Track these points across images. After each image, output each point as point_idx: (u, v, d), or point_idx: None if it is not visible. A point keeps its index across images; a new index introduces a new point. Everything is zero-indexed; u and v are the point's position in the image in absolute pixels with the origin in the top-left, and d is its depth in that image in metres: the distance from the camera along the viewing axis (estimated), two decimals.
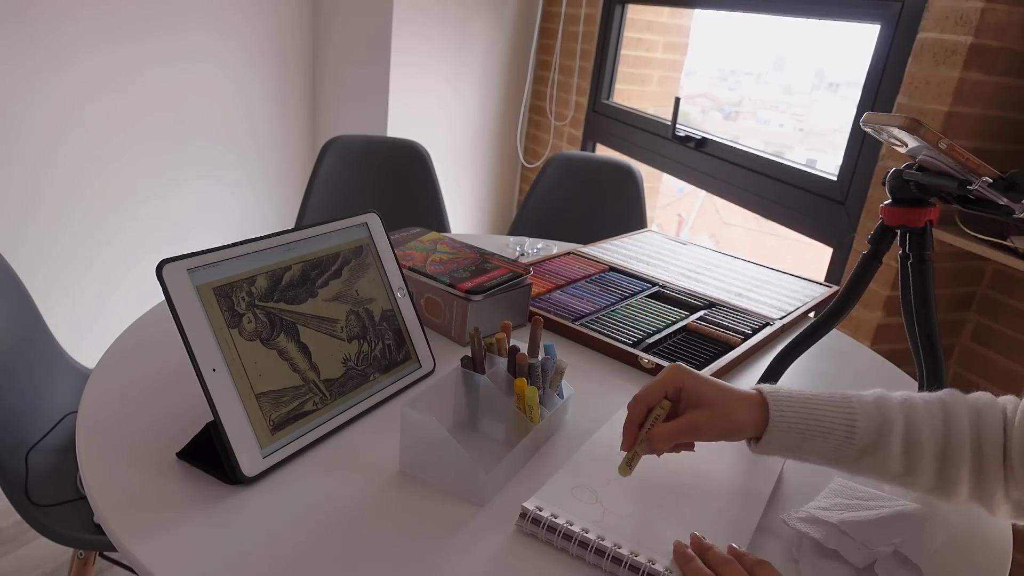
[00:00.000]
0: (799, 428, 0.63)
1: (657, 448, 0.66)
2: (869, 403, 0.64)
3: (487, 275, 1.00)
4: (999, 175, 0.65)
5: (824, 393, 0.65)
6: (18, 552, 1.61)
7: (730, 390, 0.67)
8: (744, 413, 0.65)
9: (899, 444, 0.61)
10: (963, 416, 0.62)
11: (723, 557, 0.58)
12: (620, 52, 2.36)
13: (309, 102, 2.56)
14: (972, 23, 1.29)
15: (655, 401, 0.67)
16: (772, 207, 1.79)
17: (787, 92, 5.13)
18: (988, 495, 0.61)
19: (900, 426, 0.62)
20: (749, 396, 0.66)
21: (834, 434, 0.63)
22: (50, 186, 2.05)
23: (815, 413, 0.64)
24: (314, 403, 0.72)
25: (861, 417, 0.63)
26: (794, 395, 0.65)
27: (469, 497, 0.66)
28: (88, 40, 2.00)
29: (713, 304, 1.17)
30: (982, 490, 0.61)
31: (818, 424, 0.63)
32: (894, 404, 0.63)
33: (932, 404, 0.63)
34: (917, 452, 0.61)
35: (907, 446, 0.62)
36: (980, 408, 0.62)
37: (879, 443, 0.62)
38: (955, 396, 0.64)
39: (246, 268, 0.70)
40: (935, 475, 0.61)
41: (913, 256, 0.77)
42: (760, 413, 0.64)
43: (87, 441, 0.69)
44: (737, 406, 0.65)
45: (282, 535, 0.60)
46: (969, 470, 0.61)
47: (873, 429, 0.62)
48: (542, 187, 1.88)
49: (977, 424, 0.61)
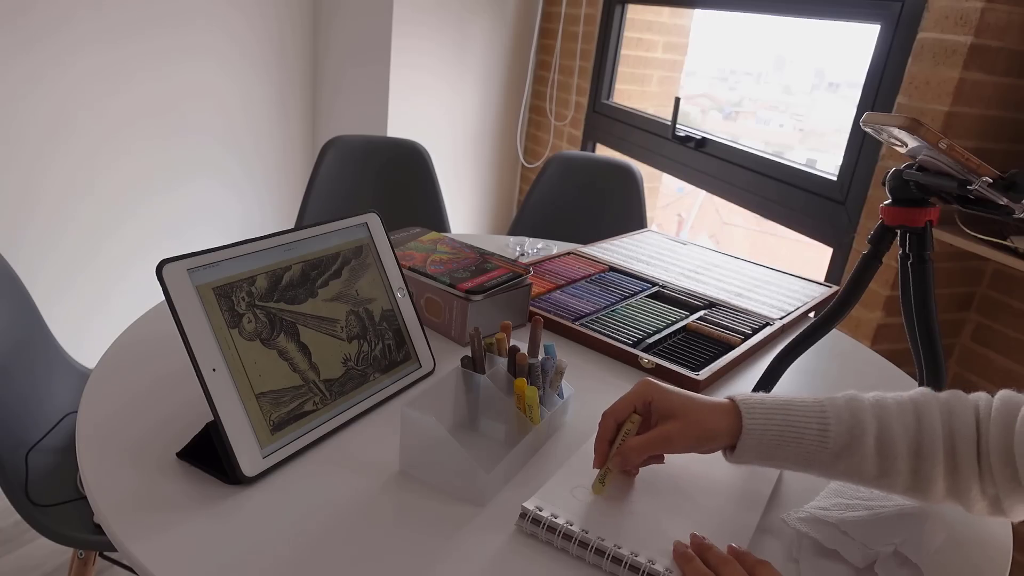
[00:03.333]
0: (772, 434, 0.63)
1: (629, 461, 0.66)
2: (841, 406, 0.63)
3: (487, 275, 1.00)
4: (999, 175, 0.65)
5: (797, 398, 0.65)
6: (18, 552, 1.61)
7: (700, 400, 0.67)
8: (716, 421, 0.65)
9: (872, 445, 0.61)
10: (935, 414, 0.62)
11: (723, 557, 0.58)
12: (620, 52, 2.36)
13: (309, 102, 2.56)
14: (972, 23, 1.29)
15: (624, 416, 0.68)
16: (772, 207, 1.79)
17: (787, 92, 5.13)
18: (963, 492, 0.61)
19: (873, 427, 0.62)
20: (721, 404, 0.66)
21: (807, 438, 0.62)
22: (50, 186, 2.05)
23: (787, 419, 0.63)
24: (314, 403, 0.72)
25: (833, 420, 0.62)
26: (767, 401, 0.65)
27: (469, 497, 0.66)
28: (88, 40, 2.00)
29: (713, 304, 1.17)
30: (957, 487, 0.61)
31: (791, 430, 0.63)
32: (866, 405, 0.63)
33: (904, 404, 0.63)
34: (891, 452, 0.61)
35: (880, 447, 0.61)
36: (952, 405, 0.62)
37: (852, 445, 0.62)
38: (926, 395, 0.64)
39: (246, 268, 0.70)
40: (910, 475, 0.61)
41: (913, 256, 0.77)
42: (733, 420, 0.64)
43: (87, 441, 0.69)
44: (709, 415, 0.65)
45: (282, 535, 0.60)
46: (943, 468, 0.60)
47: (845, 431, 0.62)
48: (542, 187, 1.88)
49: (949, 421, 0.61)
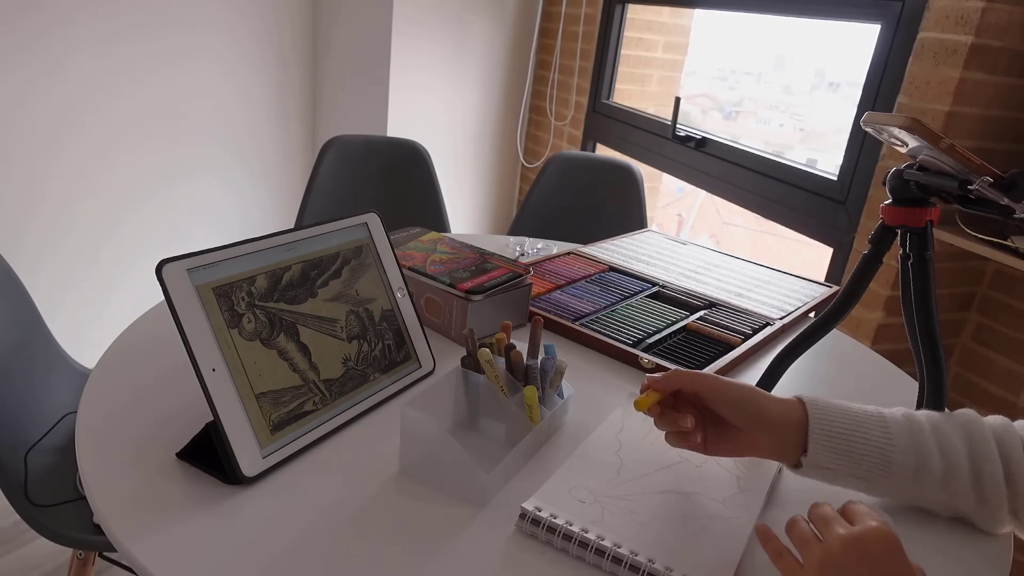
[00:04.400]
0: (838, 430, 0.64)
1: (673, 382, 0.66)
2: (894, 412, 0.65)
3: (487, 275, 1.00)
4: (1000, 175, 0.65)
5: (855, 404, 0.66)
6: (18, 552, 1.61)
7: (754, 388, 0.67)
8: (771, 403, 0.65)
9: (934, 443, 0.63)
10: (983, 426, 0.64)
11: (820, 514, 0.54)
12: (620, 52, 2.36)
13: (309, 102, 2.56)
14: (973, 23, 1.29)
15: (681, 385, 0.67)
16: (772, 207, 1.79)
17: (787, 92, 5.13)
18: None
19: (929, 429, 0.63)
20: (780, 397, 0.67)
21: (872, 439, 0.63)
22: (51, 187, 2.05)
23: (849, 416, 0.65)
24: (314, 403, 0.72)
25: (892, 423, 0.64)
26: (832, 402, 0.66)
27: (469, 497, 0.66)
28: (89, 42, 2.00)
29: (713, 304, 1.17)
30: (1017, 501, 0.63)
31: (855, 424, 0.64)
32: (917, 413, 0.65)
33: (950, 415, 0.65)
34: (951, 449, 0.63)
35: (940, 443, 0.63)
36: (995, 423, 0.64)
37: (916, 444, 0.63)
38: (966, 410, 0.66)
39: (246, 268, 0.70)
40: (971, 475, 0.62)
41: (913, 256, 0.77)
42: (797, 412, 0.65)
43: (86, 441, 0.69)
44: (763, 397, 0.66)
45: (282, 535, 0.60)
46: (1002, 473, 0.62)
47: (905, 431, 0.64)
48: (542, 187, 1.87)
49: (998, 435, 0.63)
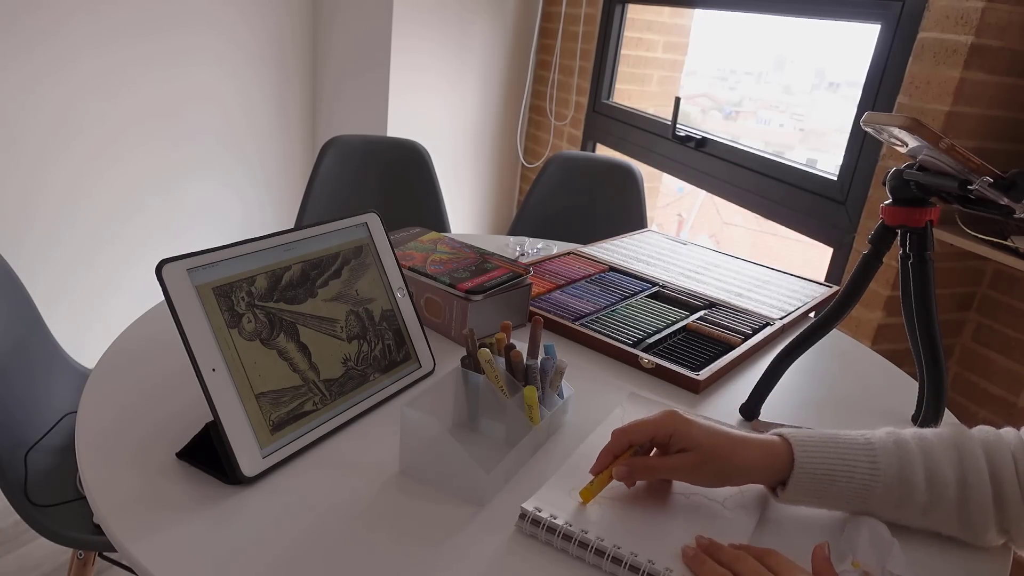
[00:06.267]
0: (824, 468, 0.63)
1: (633, 476, 0.65)
2: (884, 438, 0.65)
3: (487, 275, 1.00)
4: (1000, 175, 0.65)
5: (841, 432, 0.66)
6: (18, 552, 1.61)
7: (731, 434, 0.65)
8: (749, 455, 0.64)
9: (922, 474, 0.62)
10: (974, 444, 0.63)
11: (734, 553, 0.58)
12: (620, 52, 2.36)
13: (309, 102, 2.56)
14: (973, 23, 1.29)
15: (641, 441, 0.66)
16: (772, 207, 1.79)
17: (787, 92, 5.13)
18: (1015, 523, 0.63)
19: (919, 456, 0.63)
20: (762, 439, 0.65)
21: (858, 472, 0.63)
22: (51, 187, 2.05)
23: (837, 451, 0.64)
24: (314, 403, 0.72)
25: (880, 451, 0.64)
26: (815, 436, 0.65)
27: (469, 497, 0.66)
28: (88, 43, 2.00)
29: (713, 304, 1.17)
30: (1007, 519, 0.62)
31: (841, 462, 0.63)
32: (907, 436, 0.65)
33: (942, 436, 0.64)
34: (940, 480, 0.62)
35: (929, 475, 0.62)
36: (987, 438, 0.64)
37: (903, 475, 0.63)
38: (960, 428, 0.65)
39: (246, 268, 0.70)
40: (958, 505, 0.62)
41: (913, 256, 0.77)
42: (778, 456, 0.64)
43: (86, 441, 0.69)
44: (739, 448, 0.64)
45: (282, 535, 0.60)
46: (992, 498, 0.62)
47: (895, 460, 0.63)
48: (542, 187, 1.87)
49: (989, 453, 0.63)
